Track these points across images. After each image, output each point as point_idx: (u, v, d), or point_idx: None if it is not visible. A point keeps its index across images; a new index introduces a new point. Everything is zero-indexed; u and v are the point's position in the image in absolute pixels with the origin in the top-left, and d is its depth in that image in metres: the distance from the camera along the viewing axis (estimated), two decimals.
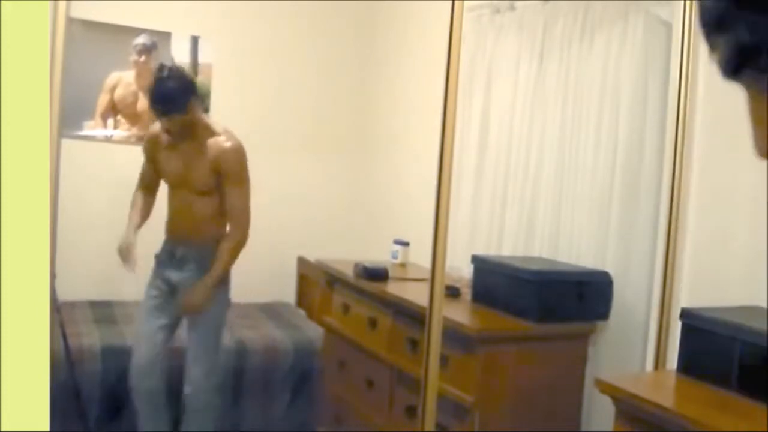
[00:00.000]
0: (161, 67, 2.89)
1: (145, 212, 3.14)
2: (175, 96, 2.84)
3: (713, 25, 0.52)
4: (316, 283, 4.04)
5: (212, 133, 2.98)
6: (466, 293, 2.92)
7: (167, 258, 3.09)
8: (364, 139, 4.77)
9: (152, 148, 3.11)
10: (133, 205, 3.15)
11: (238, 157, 2.97)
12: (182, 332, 3.11)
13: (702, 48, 2.36)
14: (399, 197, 4.30)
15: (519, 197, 3.18)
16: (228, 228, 3.05)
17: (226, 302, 3.11)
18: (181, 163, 3.01)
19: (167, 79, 2.84)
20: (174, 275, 3.06)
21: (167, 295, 3.07)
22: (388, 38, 4.59)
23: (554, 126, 3.03)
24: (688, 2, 2.37)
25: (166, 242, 3.13)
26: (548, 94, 3.08)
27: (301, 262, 4.51)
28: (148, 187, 3.19)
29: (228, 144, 2.96)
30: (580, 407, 2.70)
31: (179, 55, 4.31)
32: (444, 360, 2.29)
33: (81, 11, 3.94)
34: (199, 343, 3.03)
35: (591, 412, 2.72)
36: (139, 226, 3.09)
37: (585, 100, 2.89)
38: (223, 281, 3.05)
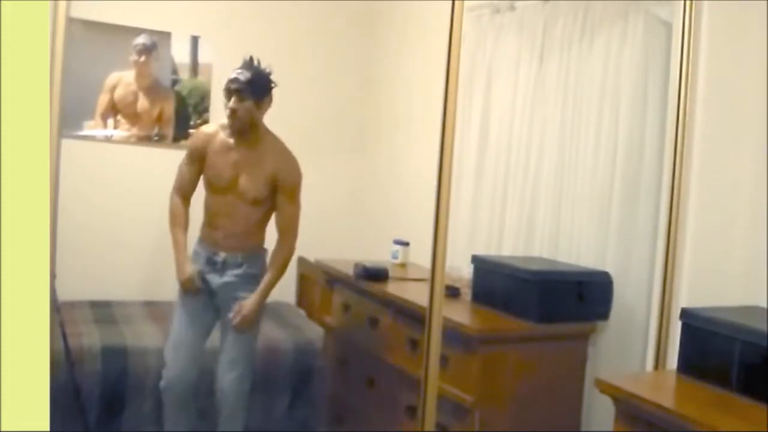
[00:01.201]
0: (252, 58, 2.90)
1: (186, 227, 3.00)
2: (260, 80, 2.84)
3: None
4: (316, 283, 4.04)
5: (274, 141, 2.97)
6: (466, 293, 2.92)
7: (206, 263, 2.98)
8: (364, 139, 4.76)
9: (204, 146, 2.96)
10: (173, 220, 2.98)
11: (297, 173, 2.96)
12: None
13: (702, 48, 2.36)
14: (399, 197, 4.30)
15: (519, 197, 3.18)
16: (277, 240, 2.99)
17: (263, 309, 3.04)
18: (238, 167, 2.90)
19: (257, 66, 2.88)
20: (214, 279, 2.97)
21: (206, 299, 3.00)
22: (388, 38, 4.59)
23: (554, 126, 3.03)
24: (688, 2, 2.37)
25: (205, 246, 3.01)
26: (548, 94, 3.08)
27: (301, 262, 4.50)
28: (186, 194, 3.02)
29: (290, 158, 2.95)
30: (580, 407, 2.70)
31: (179, 55, 4.31)
32: (444, 360, 2.29)
33: (81, 11, 3.95)
34: (236, 347, 2.95)
35: (591, 412, 2.72)
36: (186, 244, 2.98)
37: (585, 100, 2.89)
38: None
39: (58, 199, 2.24)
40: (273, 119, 4.48)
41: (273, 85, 2.92)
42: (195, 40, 4.34)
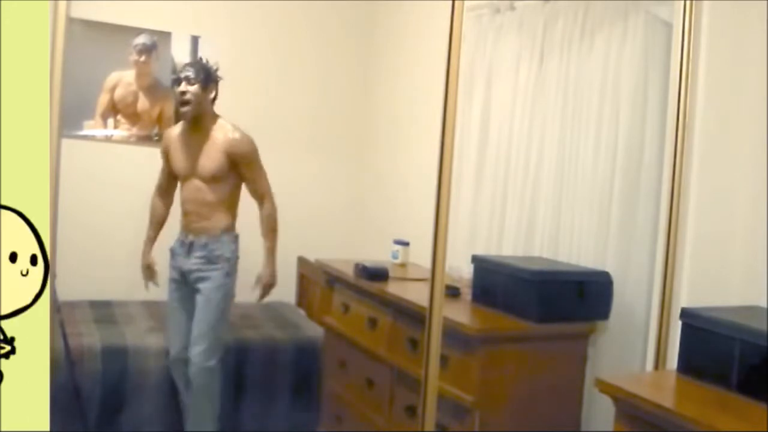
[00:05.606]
0: (201, 57, 3.37)
1: (162, 220, 3.39)
2: (205, 69, 3.20)
3: None
4: (316, 283, 4.04)
5: (224, 125, 3.22)
6: (466, 293, 2.92)
7: (179, 247, 3.27)
8: (364, 139, 4.77)
9: (166, 143, 3.33)
10: (151, 214, 3.38)
11: (250, 143, 3.21)
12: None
13: (702, 48, 2.36)
14: (399, 197, 4.30)
15: (519, 197, 3.18)
16: (259, 209, 3.30)
17: (232, 292, 3.26)
18: (192, 151, 3.20)
19: (204, 62, 3.28)
20: (184, 263, 3.23)
21: (182, 284, 3.26)
22: (388, 38, 4.59)
23: (554, 126, 3.03)
24: (688, 2, 2.37)
25: (181, 233, 3.30)
26: (548, 94, 3.07)
27: (301, 262, 4.51)
28: (165, 190, 3.39)
29: (238, 132, 3.20)
30: (580, 407, 2.70)
31: (179, 55, 4.31)
32: (444, 360, 2.29)
33: (81, 11, 3.95)
34: (202, 323, 3.18)
35: (591, 412, 2.72)
36: (155, 238, 3.38)
37: (585, 100, 2.89)
38: (231, 271, 3.24)
39: (58, 199, 2.24)
40: (274, 120, 4.50)
41: (219, 77, 3.25)
42: (195, 40, 4.34)
